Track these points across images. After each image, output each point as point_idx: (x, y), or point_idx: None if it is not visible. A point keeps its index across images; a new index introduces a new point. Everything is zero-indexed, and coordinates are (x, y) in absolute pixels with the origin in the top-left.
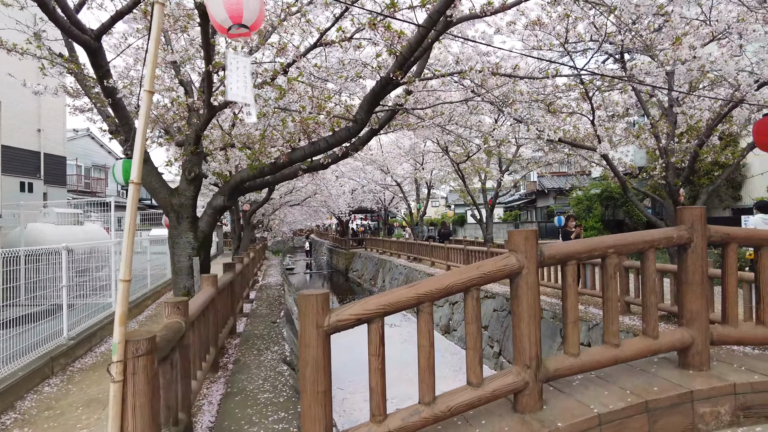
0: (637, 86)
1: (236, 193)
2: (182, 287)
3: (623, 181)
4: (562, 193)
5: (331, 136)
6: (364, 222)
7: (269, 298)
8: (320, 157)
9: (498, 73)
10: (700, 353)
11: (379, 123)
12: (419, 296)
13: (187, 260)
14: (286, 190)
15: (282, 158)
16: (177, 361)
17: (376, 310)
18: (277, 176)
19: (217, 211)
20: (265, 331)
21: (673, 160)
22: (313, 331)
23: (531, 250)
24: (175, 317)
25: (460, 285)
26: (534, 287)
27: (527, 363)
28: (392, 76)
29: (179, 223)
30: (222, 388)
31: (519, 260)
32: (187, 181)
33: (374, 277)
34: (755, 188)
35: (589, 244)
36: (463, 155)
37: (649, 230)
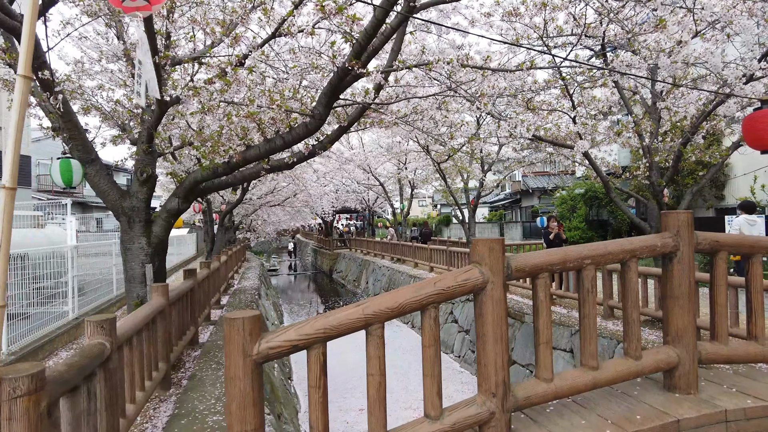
0: (619, 81)
1: (192, 194)
2: (135, 296)
3: (606, 181)
4: (547, 192)
5: (287, 133)
6: (350, 222)
7: (242, 303)
8: (284, 157)
9: (468, 65)
10: (687, 374)
11: (348, 120)
12: (367, 317)
13: (140, 267)
14: (267, 190)
15: (235, 157)
16: (97, 391)
17: (316, 334)
18: (237, 176)
19: (172, 214)
20: None
21: (657, 160)
22: (240, 360)
23: (496, 262)
24: (98, 338)
25: (414, 303)
26: (500, 304)
27: (493, 391)
28: (348, 66)
29: (131, 228)
30: (171, 409)
31: (483, 273)
32: (140, 183)
33: (358, 278)
34: (738, 188)
35: (563, 255)
36: (444, 154)
37: (630, 238)
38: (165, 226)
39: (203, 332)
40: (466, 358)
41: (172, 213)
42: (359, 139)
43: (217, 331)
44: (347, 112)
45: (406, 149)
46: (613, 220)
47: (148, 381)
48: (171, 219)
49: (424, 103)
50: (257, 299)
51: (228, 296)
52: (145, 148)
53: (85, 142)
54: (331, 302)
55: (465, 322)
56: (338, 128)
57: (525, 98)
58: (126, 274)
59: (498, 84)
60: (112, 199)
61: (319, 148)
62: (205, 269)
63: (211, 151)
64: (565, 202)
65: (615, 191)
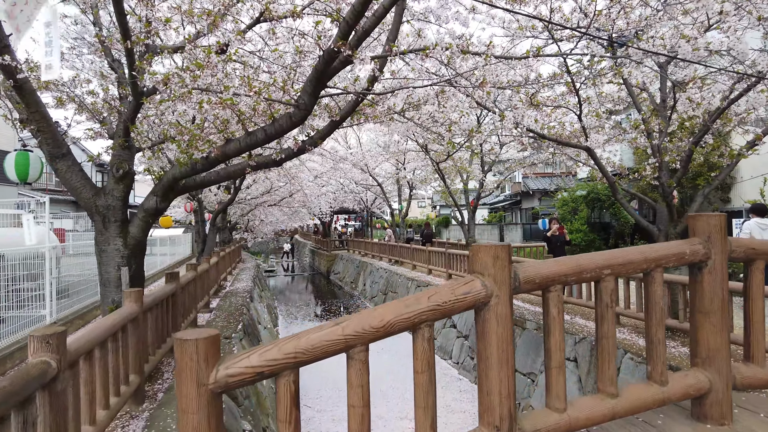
0: (627, 77)
1: (171, 193)
2: (110, 301)
3: (612, 182)
4: (548, 194)
5: (269, 125)
6: (348, 223)
7: (232, 306)
8: (271, 153)
9: (469, 51)
10: (720, 402)
11: (340, 114)
12: (347, 338)
13: (115, 270)
14: (264, 190)
15: (214, 152)
16: (38, 418)
17: (284, 360)
18: (221, 174)
19: (150, 213)
20: None
21: (666, 159)
22: (193, 390)
23: (502, 272)
24: (42, 355)
25: (404, 322)
26: (506, 321)
27: (497, 424)
28: (335, 47)
29: (106, 228)
30: (141, 427)
31: (486, 286)
32: (115, 179)
33: (355, 280)
34: (745, 190)
35: (577, 265)
36: (443, 154)
37: (653, 245)
38: (143, 226)
39: None
40: (465, 364)
41: (150, 212)
42: (357, 138)
43: None
44: (339, 106)
45: (404, 149)
46: (615, 222)
47: (115, 397)
48: (149, 219)
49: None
50: (249, 302)
51: (219, 299)
52: (122, 143)
53: (55, 135)
54: (327, 304)
55: (464, 327)
56: (330, 123)
57: (528, 93)
58: (101, 278)
59: (501, 76)
60: (85, 196)
61: (308, 144)
62: (191, 272)
63: (189, 145)
64: (567, 203)
65: (621, 193)
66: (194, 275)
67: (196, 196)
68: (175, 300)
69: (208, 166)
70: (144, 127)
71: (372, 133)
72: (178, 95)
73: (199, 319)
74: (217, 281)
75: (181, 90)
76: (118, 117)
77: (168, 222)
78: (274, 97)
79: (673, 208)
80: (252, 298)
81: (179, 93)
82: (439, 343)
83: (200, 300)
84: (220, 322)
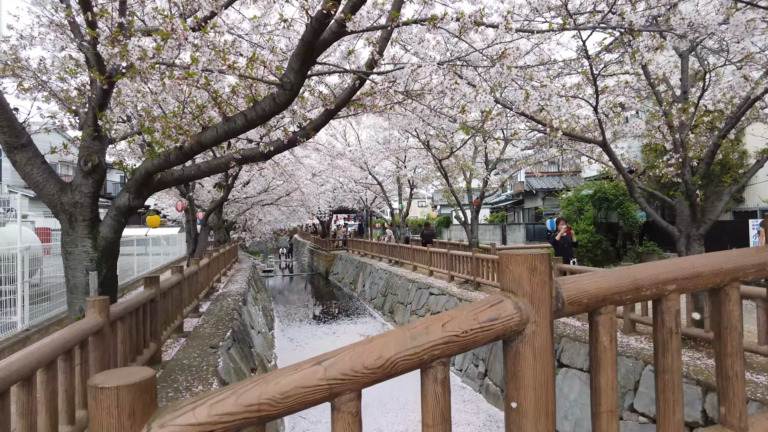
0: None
1: (145, 189)
2: (78, 310)
3: (629, 180)
4: (552, 193)
5: (250, 109)
6: (348, 222)
7: (223, 311)
8: (258, 145)
9: (483, 23)
10: None
11: (335, 102)
12: (331, 383)
13: (83, 275)
14: (261, 188)
15: (188, 141)
16: None
17: (244, 414)
18: (203, 168)
19: (123, 212)
20: (197, 360)
21: (690, 155)
22: None
23: (541, 290)
24: None
25: (410, 359)
26: (546, 355)
27: None
28: (324, 10)
29: (73, 228)
30: None
31: (520, 309)
32: (84, 174)
33: (354, 280)
34: (761, 190)
35: (633, 279)
36: (446, 151)
37: (727, 253)
38: (115, 226)
39: (172, 346)
40: (468, 372)
41: (122, 210)
42: (356, 136)
43: (187, 346)
44: (335, 93)
45: (405, 146)
46: (623, 222)
47: (68, 426)
48: (121, 218)
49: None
50: (241, 306)
51: (210, 302)
52: (91, 132)
53: (13, 123)
54: (326, 305)
55: None
56: (324, 112)
57: (541, 82)
58: (67, 283)
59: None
60: (48, 192)
61: (300, 135)
62: (176, 275)
63: (162, 134)
64: (572, 203)
65: (639, 191)
66: (179, 279)
67: (187, 194)
68: (154, 307)
69: (183, 157)
70: (117, 116)
71: (371, 130)
72: (139, 71)
73: (186, 325)
74: (208, 283)
75: (142, 65)
76: (88, 104)
77: (156, 221)
78: (255, 75)
79: (697, 208)
80: (245, 300)
81: (140, 68)
82: None
83: (188, 304)
84: (208, 328)
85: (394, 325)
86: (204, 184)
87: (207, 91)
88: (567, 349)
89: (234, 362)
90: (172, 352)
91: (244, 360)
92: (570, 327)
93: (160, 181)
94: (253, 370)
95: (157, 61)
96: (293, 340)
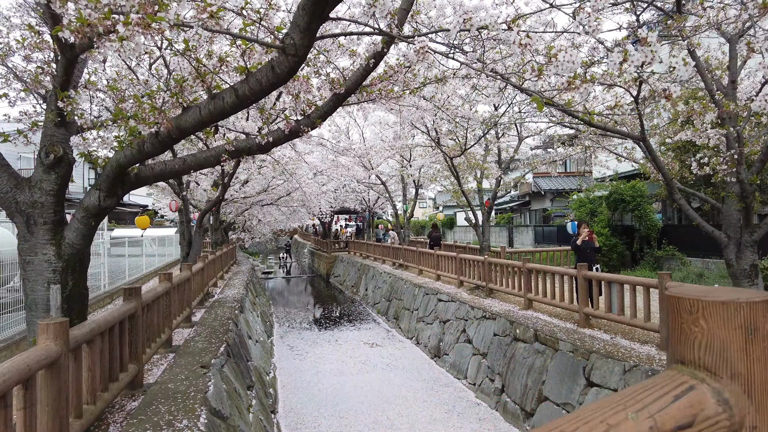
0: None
1: (119, 186)
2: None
3: (669, 179)
4: (561, 194)
5: (242, 82)
6: (349, 223)
7: (218, 320)
8: (254, 135)
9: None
10: None
11: (346, 84)
12: None
13: (44, 289)
14: (261, 188)
15: (163, 125)
16: None
17: None
18: (188, 162)
19: (93, 213)
20: (184, 384)
21: (747, 151)
22: None
23: (765, 371)
24: None
25: None
26: None
27: None
28: None
29: (32, 233)
30: None
31: (728, 405)
32: (45, 168)
33: (356, 283)
34: None
35: None
36: (457, 148)
37: None
38: (83, 230)
39: (158, 363)
40: (483, 387)
41: (92, 212)
42: (360, 133)
43: (175, 364)
44: (344, 75)
45: (412, 144)
46: (641, 225)
47: None
48: (91, 220)
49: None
50: (237, 314)
51: (204, 310)
52: (53, 118)
53: None
54: (327, 310)
55: (481, 344)
56: (332, 97)
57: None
58: (26, 299)
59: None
60: (1, 189)
61: (304, 124)
62: (164, 283)
63: (136, 117)
64: (584, 205)
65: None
66: (166, 288)
67: (181, 193)
68: (134, 323)
69: (160, 146)
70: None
71: (376, 127)
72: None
73: (176, 337)
74: (202, 289)
75: (94, 16)
76: (52, 83)
77: (146, 222)
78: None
79: (752, 211)
80: (243, 308)
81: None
82: (451, 360)
83: (178, 314)
84: (200, 341)
85: (399, 332)
86: (200, 183)
87: (188, 60)
88: (598, 366)
89: (228, 383)
90: (158, 372)
91: (239, 377)
92: (598, 341)
93: (138, 177)
94: (249, 387)
95: (114, 9)
96: (293, 348)
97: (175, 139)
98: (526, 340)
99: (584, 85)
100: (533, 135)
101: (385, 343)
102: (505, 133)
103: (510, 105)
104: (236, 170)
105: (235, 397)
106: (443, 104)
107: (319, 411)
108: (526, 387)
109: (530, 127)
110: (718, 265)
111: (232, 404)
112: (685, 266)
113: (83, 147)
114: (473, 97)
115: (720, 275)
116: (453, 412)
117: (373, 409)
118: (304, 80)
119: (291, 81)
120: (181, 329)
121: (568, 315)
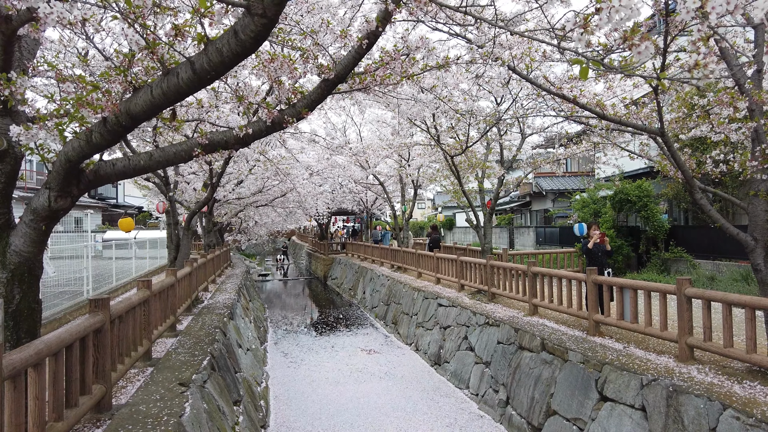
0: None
1: (75, 185)
2: None
3: (690, 178)
4: (562, 194)
5: (200, 53)
6: (347, 224)
7: (204, 329)
8: (232, 127)
9: None
10: None
11: (336, 69)
12: None
13: None
14: (255, 189)
15: (108, 110)
16: None
17: None
18: (156, 158)
19: (43, 216)
20: (158, 405)
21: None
22: None
23: None
24: None
25: None
26: None
27: None
28: None
29: None
30: None
31: None
32: None
33: (354, 286)
34: None
35: None
36: (458, 146)
37: None
38: (32, 236)
39: (134, 380)
40: (486, 397)
41: (41, 215)
42: (357, 132)
43: (151, 381)
44: (334, 59)
45: (410, 142)
46: (647, 226)
47: None
48: (41, 224)
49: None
50: (227, 321)
51: (192, 317)
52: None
53: None
54: (324, 314)
55: (484, 352)
56: (321, 84)
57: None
58: None
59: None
60: None
61: (289, 114)
62: (142, 291)
63: (77, 100)
64: (587, 205)
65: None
66: (144, 297)
67: (168, 194)
68: (101, 339)
69: (110, 136)
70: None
71: (374, 125)
72: None
73: (158, 348)
74: (190, 295)
75: None
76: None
77: (129, 225)
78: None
79: None
80: (233, 314)
81: None
82: (452, 368)
83: (160, 324)
84: (182, 353)
85: (398, 337)
86: (190, 183)
87: (129, 23)
88: (612, 379)
89: (210, 401)
90: (131, 391)
91: (224, 393)
92: (611, 351)
93: (98, 175)
94: (236, 402)
95: None
96: (288, 355)
97: (126, 128)
98: (533, 349)
99: (645, 42)
100: (538, 132)
101: (383, 349)
102: (508, 130)
103: (514, 100)
104: (225, 170)
105: (218, 417)
106: (444, 97)
107: (312, 425)
108: (533, 399)
109: (533, 125)
110: (730, 267)
111: (213, 426)
112: (695, 269)
113: (27, 138)
114: (475, 93)
115: (732, 278)
116: (455, 425)
117: (371, 422)
118: (286, 60)
119: (270, 62)
120: (165, 339)
121: (576, 322)
